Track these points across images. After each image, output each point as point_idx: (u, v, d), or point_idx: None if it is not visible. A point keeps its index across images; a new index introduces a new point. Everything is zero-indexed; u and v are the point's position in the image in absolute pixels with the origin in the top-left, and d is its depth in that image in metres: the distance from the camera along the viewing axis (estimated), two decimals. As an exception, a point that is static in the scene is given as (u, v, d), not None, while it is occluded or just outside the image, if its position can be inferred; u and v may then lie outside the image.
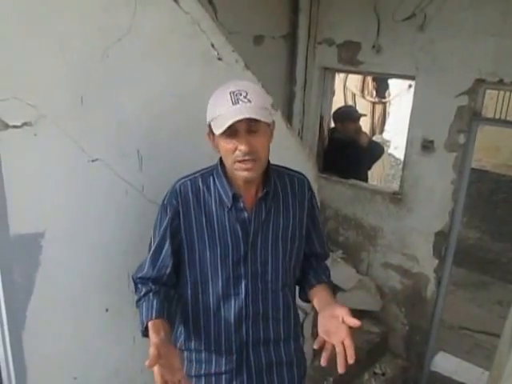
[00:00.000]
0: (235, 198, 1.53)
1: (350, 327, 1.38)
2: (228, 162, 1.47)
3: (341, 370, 1.33)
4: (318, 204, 1.80)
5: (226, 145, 1.43)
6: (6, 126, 1.41)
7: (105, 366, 1.86)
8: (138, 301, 1.58)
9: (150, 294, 1.55)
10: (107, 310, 1.81)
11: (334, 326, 1.41)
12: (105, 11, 1.56)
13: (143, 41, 1.68)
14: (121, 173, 1.73)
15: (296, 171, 1.69)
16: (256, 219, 1.55)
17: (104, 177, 1.69)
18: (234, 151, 1.42)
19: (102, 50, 1.57)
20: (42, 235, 1.57)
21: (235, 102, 1.39)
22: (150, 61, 1.72)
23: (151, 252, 1.58)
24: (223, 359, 1.62)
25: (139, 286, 1.61)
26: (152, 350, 1.26)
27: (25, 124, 1.44)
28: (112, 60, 1.60)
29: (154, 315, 1.49)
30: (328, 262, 1.82)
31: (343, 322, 1.39)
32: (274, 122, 1.54)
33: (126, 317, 1.86)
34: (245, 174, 1.45)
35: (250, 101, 1.39)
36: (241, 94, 1.40)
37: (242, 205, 1.54)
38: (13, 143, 1.43)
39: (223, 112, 1.40)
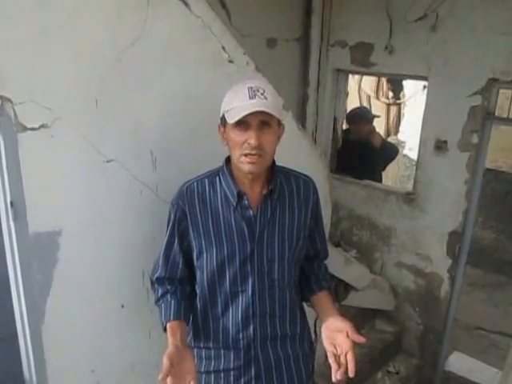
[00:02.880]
0: (240, 195, 1.56)
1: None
2: (235, 155, 1.50)
3: (334, 379, 1.42)
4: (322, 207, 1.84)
5: (236, 137, 1.47)
6: (25, 128, 1.46)
7: (121, 359, 1.91)
8: (157, 301, 1.67)
9: (168, 296, 1.63)
10: (123, 306, 1.86)
11: (339, 339, 1.49)
12: (117, 17, 1.62)
13: (155, 45, 1.73)
14: (135, 173, 1.78)
15: (302, 173, 1.72)
16: (261, 217, 1.58)
17: (119, 177, 1.74)
18: (242, 144, 1.46)
19: (116, 55, 1.62)
20: (59, 233, 1.62)
21: (252, 97, 1.44)
22: (162, 64, 1.77)
23: (162, 251, 1.66)
24: (231, 356, 1.65)
25: (156, 286, 1.69)
26: (165, 362, 1.35)
27: (42, 126, 1.50)
28: (125, 64, 1.65)
29: (171, 317, 1.58)
30: (340, 262, 1.84)
31: (347, 336, 1.47)
32: (283, 126, 1.58)
33: (142, 313, 1.91)
34: (249, 166, 1.49)
35: (266, 98, 1.45)
36: (258, 91, 1.45)
37: (246, 202, 1.57)
38: (31, 145, 1.49)
39: (239, 104, 1.44)
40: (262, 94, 1.45)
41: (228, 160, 1.61)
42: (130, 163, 1.76)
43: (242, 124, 1.45)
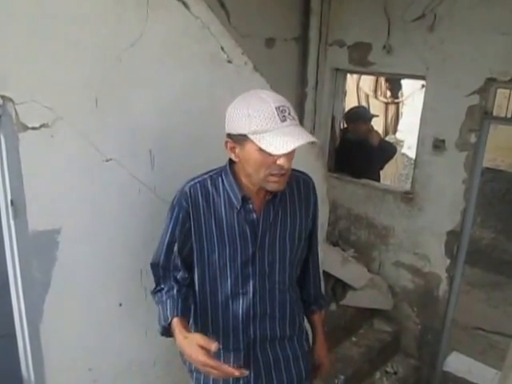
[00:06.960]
0: (244, 199, 1.55)
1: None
2: (259, 175, 1.45)
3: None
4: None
5: (264, 158, 1.40)
6: (26, 128, 1.47)
7: (118, 358, 1.91)
8: (157, 292, 1.66)
9: (174, 292, 1.61)
10: (121, 305, 1.87)
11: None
12: (117, 17, 1.62)
13: (155, 45, 1.73)
14: (134, 172, 1.79)
15: (301, 172, 1.70)
16: (264, 221, 1.57)
17: (117, 176, 1.75)
18: (270, 165, 1.41)
19: (116, 55, 1.63)
20: (58, 232, 1.62)
21: (283, 120, 1.35)
22: (161, 64, 1.77)
23: (163, 250, 1.64)
24: (231, 356, 1.65)
25: (161, 280, 1.67)
26: (210, 363, 1.38)
27: (42, 126, 1.50)
28: (125, 64, 1.66)
29: (179, 312, 1.56)
30: (338, 261, 1.85)
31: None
32: None
33: (139, 311, 1.92)
34: (277, 186, 1.47)
35: (294, 118, 1.38)
36: (285, 111, 1.37)
37: (251, 206, 1.56)
38: (31, 144, 1.49)
39: (272, 128, 1.35)
40: (289, 115, 1.37)
41: (231, 161, 1.56)
42: (128, 162, 1.76)
43: None
